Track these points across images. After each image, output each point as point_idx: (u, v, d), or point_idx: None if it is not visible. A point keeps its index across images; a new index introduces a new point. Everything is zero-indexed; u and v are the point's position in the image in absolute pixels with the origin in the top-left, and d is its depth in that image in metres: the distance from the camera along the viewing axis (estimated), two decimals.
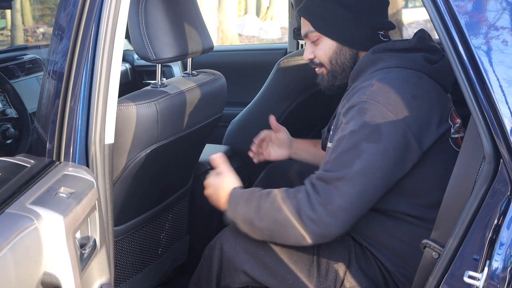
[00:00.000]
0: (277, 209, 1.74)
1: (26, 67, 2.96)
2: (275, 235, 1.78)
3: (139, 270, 2.23)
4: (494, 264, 1.28)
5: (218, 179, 1.91)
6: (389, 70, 1.79)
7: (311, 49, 1.99)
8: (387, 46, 1.86)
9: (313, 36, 1.96)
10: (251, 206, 1.79)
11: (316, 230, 1.69)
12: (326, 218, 1.68)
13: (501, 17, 1.36)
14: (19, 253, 1.14)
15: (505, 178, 1.31)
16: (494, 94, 1.30)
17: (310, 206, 1.69)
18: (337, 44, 1.93)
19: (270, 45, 7.03)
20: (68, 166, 1.50)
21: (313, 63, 2.02)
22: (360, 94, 1.74)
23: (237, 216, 1.83)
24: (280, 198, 1.75)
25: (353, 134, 1.70)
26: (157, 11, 1.89)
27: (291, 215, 1.71)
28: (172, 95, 1.96)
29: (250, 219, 1.79)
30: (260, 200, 1.78)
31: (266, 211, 1.76)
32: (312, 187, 1.72)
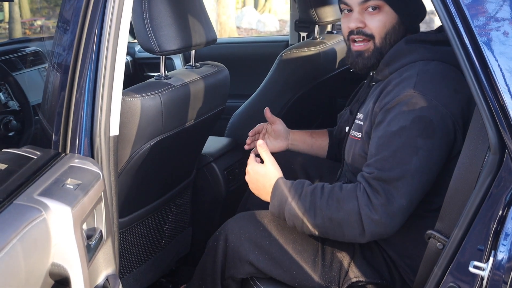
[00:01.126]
0: (335, 208, 1.71)
1: (28, 59, 2.95)
2: (329, 232, 1.75)
3: (142, 261, 2.23)
4: (499, 255, 1.28)
5: (260, 167, 1.86)
6: (427, 62, 1.75)
7: (361, 18, 1.84)
8: (420, 37, 1.82)
9: (373, 3, 1.81)
10: (304, 202, 1.75)
11: (375, 230, 1.68)
12: (387, 219, 1.66)
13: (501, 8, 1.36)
14: (28, 244, 1.14)
15: (510, 169, 1.31)
16: (499, 84, 1.30)
17: (371, 207, 1.66)
18: (398, 20, 1.83)
19: (271, 37, 7.04)
20: (74, 157, 1.50)
21: (359, 32, 1.85)
22: (404, 87, 1.70)
23: (284, 210, 1.78)
24: (338, 197, 1.72)
25: (405, 130, 1.65)
26: (161, 3, 1.89)
27: (350, 215, 1.69)
28: (176, 87, 1.97)
29: (302, 215, 1.74)
30: (314, 196, 1.75)
31: (322, 208, 1.72)
32: (370, 187, 1.68)
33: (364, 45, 1.86)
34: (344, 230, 1.71)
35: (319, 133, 2.33)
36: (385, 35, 1.84)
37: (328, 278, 1.82)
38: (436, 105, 1.65)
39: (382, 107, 1.73)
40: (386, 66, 1.84)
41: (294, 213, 1.76)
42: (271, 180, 1.83)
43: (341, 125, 2.07)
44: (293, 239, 1.86)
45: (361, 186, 1.70)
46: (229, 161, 2.72)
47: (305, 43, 2.91)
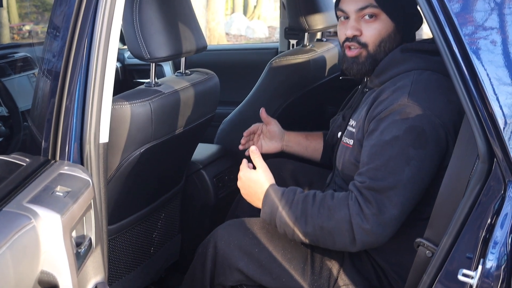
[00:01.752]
0: (326, 216, 1.70)
1: (17, 65, 2.94)
2: (319, 240, 1.74)
3: (131, 269, 2.23)
4: (488, 263, 1.29)
5: (252, 174, 1.85)
6: (421, 72, 1.76)
7: (358, 26, 1.84)
8: (415, 46, 1.82)
9: (370, 11, 1.82)
10: (296, 209, 1.75)
11: (366, 239, 1.67)
12: (378, 228, 1.65)
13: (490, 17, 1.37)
14: (17, 252, 1.14)
15: (498, 177, 1.32)
16: (488, 93, 1.31)
17: (363, 216, 1.66)
18: (394, 28, 1.84)
19: (261, 45, 7.05)
20: (64, 164, 1.50)
21: (354, 40, 1.86)
22: (397, 97, 1.70)
23: (276, 217, 1.78)
24: (329, 206, 1.71)
25: (398, 139, 1.65)
26: (151, 10, 1.89)
27: (341, 224, 1.68)
28: (166, 94, 1.97)
29: (293, 222, 1.74)
30: (305, 204, 1.74)
31: (313, 216, 1.72)
32: (362, 197, 1.68)
33: (358, 51, 1.87)
34: (335, 238, 1.70)
35: (314, 136, 2.33)
36: (379, 43, 1.84)
37: (318, 285, 1.82)
38: (430, 115, 1.65)
39: (375, 116, 1.73)
40: (380, 74, 1.84)
41: (285, 221, 1.75)
42: (262, 187, 1.83)
43: (334, 130, 2.08)
44: (283, 246, 1.87)
45: (352, 195, 1.70)
46: (219, 168, 2.72)
47: (294, 51, 2.92)
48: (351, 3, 1.86)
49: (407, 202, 1.66)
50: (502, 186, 1.31)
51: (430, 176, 1.68)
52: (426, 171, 1.66)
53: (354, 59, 1.88)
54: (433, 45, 1.78)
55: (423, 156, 1.64)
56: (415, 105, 1.66)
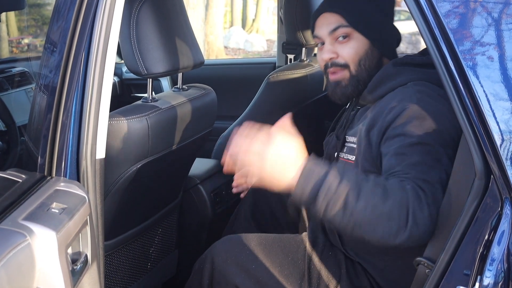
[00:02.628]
0: (381, 196, 1.47)
1: (14, 80, 2.95)
2: (364, 222, 1.47)
3: (128, 285, 2.22)
4: (486, 280, 1.28)
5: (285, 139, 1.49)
6: (417, 83, 1.74)
7: (333, 49, 1.86)
8: (406, 60, 1.82)
9: (343, 32, 1.84)
10: (347, 181, 1.47)
11: (414, 232, 1.46)
12: (427, 220, 1.47)
13: (487, 33, 1.37)
14: (12, 270, 1.13)
15: (495, 194, 1.31)
16: (484, 109, 1.31)
17: (420, 204, 1.48)
18: (370, 45, 1.85)
19: (258, 59, 7.08)
20: (60, 181, 1.50)
21: (333, 64, 1.87)
22: (407, 103, 1.66)
23: (324, 187, 1.45)
24: (385, 185, 1.50)
25: (424, 138, 1.59)
26: (149, 25, 1.89)
27: (397, 207, 1.46)
28: (163, 110, 1.97)
29: (343, 195, 1.45)
30: (358, 178, 1.49)
31: (367, 193, 1.46)
32: (416, 185, 1.51)
33: (340, 75, 1.88)
34: (382, 223, 1.47)
35: None
36: (358, 61, 1.85)
37: None
38: (441, 118, 1.63)
39: (389, 124, 1.67)
40: (374, 90, 1.83)
41: (333, 192, 1.45)
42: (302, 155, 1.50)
43: (329, 151, 2.04)
44: (280, 262, 1.86)
45: (406, 182, 1.53)
46: (216, 183, 2.72)
47: (292, 66, 2.92)
48: (323, 27, 1.88)
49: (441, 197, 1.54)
50: (499, 203, 1.31)
51: None
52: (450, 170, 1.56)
53: (337, 83, 1.89)
54: (424, 58, 1.80)
55: (448, 154, 1.58)
56: (426, 109, 1.65)
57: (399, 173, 1.56)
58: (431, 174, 1.54)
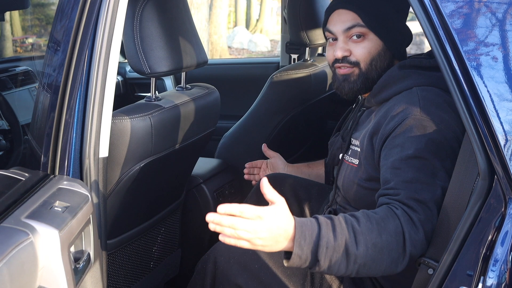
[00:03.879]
0: (377, 231, 1.49)
1: (18, 79, 2.95)
2: (368, 262, 1.49)
3: (131, 283, 2.22)
4: (489, 280, 1.28)
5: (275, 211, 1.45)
6: (423, 88, 1.73)
7: (346, 46, 1.85)
8: (413, 63, 1.81)
9: (358, 31, 1.83)
10: (342, 230, 1.48)
11: (413, 252, 1.51)
12: (423, 239, 1.52)
13: (491, 33, 1.37)
14: (15, 268, 1.13)
15: (499, 194, 1.31)
16: (488, 109, 1.31)
17: (413, 226, 1.51)
18: (383, 46, 1.84)
19: (262, 59, 7.08)
20: (63, 179, 1.50)
21: (345, 60, 1.86)
22: (409, 111, 1.66)
23: (320, 245, 1.46)
24: (376, 219, 1.51)
25: (421, 152, 1.60)
26: (152, 25, 1.89)
27: (394, 236, 1.49)
28: (166, 109, 1.97)
29: (344, 245, 1.46)
30: (349, 223, 1.50)
31: (364, 233, 1.48)
32: (406, 206, 1.55)
33: (349, 69, 1.87)
34: (384, 256, 1.50)
35: (315, 163, 2.37)
36: (370, 61, 1.84)
37: None
38: (443, 128, 1.63)
39: (389, 133, 1.68)
40: (379, 93, 1.83)
41: (334, 246, 1.46)
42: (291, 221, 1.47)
43: (334, 152, 2.04)
44: (282, 263, 1.85)
45: (395, 205, 1.56)
46: (219, 182, 2.72)
47: (296, 65, 2.92)
48: (338, 23, 1.86)
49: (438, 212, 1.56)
50: (502, 203, 1.30)
51: None
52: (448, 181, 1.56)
53: (345, 77, 1.88)
54: (431, 61, 1.79)
55: (446, 167, 1.59)
56: (428, 119, 1.64)
57: (391, 192, 1.59)
58: (424, 193, 1.56)
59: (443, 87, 1.71)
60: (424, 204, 1.54)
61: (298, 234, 1.45)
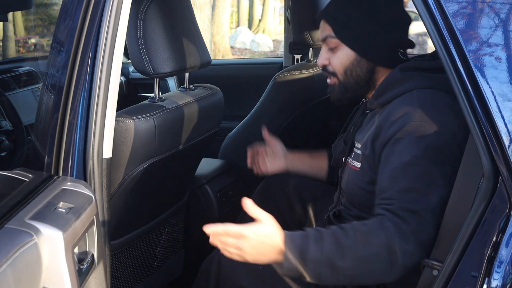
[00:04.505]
0: (364, 244, 1.54)
1: (21, 79, 2.95)
2: (357, 275, 1.56)
3: (134, 284, 2.22)
4: (493, 282, 1.28)
5: (261, 228, 1.56)
6: (423, 91, 1.73)
7: (327, 55, 1.91)
8: (415, 65, 1.81)
9: (331, 43, 1.88)
10: (329, 244, 1.55)
11: (405, 261, 1.54)
12: (417, 249, 1.54)
13: (495, 33, 1.37)
14: (19, 269, 1.13)
15: (503, 195, 1.31)
16: (492, 110, 1.30)
17: (402, 237, 1.53)
18: (356, 55, 1.85)
19: (265, 59, 7.08)
20: (67, 180, 1.50)
21: (326, 70, 1.93)
22: (409, 117, 1.66)
23: (307, 258, 1.54)
24: (364, 232, 1.57)
25: (419, 159, 1.61)
26: (156, 25, 1.89)
27: (381, 249, 1.54)
28: (170, 110, 1.96)
29: (329, 259, 1.54)
30: (336, 237, 1.56)
31: (350, 247, 1.54)
32: (398, 217, 1.57)
33: (331, 80, 1.94)
34: (374, 268, 1.56)
35: (318, 154, 2.33)
36: (344, 71, 1.88)
37: None
38: (443, 132, 1.62)
39: (389, 139, 1.69)
40: (380, 95, 1.82)
41: (320, 260, 1.54)
42: (277, 236, 1.56)
43: (338, 156, 2.04)
44: None
45: (387, 217, 1.59)
46: (223, 183, 2.72)
47: (299, 66, 2.92)
48: (319, 33, 1.94)
49: (438, 221, 1.56)
50: (507, 204, 1.30)
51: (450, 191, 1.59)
52: (450, 188, 1.56)
53: (332, 87, 1.94)
54: (432, 63, 1.79)
55: (445, 173, 1.59)
56: (427, 124, 1.64)
57: (386, 202, 1.62)
58: (419, 203, 1.57)
59: (445, 89, 1.71)
60: (417, 214, 1.56)
61: (286, 249, 1.55)
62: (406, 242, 1.54)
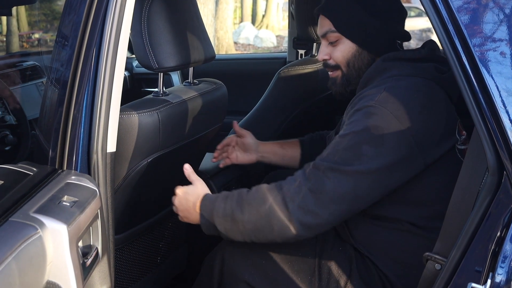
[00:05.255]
0: (261, 199, 1.70)
1: (25, 73, 2.95)
2: (258, 228, 1.71)
3: (137, 279, 2.22)
4: (497, 277, 1.27)
5: (189, 187, 1.86)
6: (400, 77, 1.77)
7: (327, 50, 1.94)
8: (397, 55, 1.84)
9: (332, 37, 1.91)
10: (232, 200, 1.75)
11: (302, 218, 1.65)
12: (315, 207, 1.64)
13: (499, 28, 1.36)
14: (23, 262, 1.13)
15: (508, 190, 1.30)
16: (497, 105, 1.30)
17: (299, 192, 1.66)
18: (357, 47, 1.90)
19: (269, 54, 7.07)
20: (71, 174, 1.50)
21: (327, 65, 1.97)
22: (368, 99, 1.71)
23: (214, 214, 1.76)
24: (265, 188, 1.72)
25: (355, 134, 1.67)
26: (160, 20, 1.89)
27: (276, 203, 1.67)
28: (174, 104, 1.96)
29: (230, 213, 1.73)
30: (240, 195, 1.75)
31: (249, 202, 1.72)
32: (303, 174, 1.70)
33: (333, 73, 1.97)
34: (272, 222, 1.68)
35: (290, 144, 2.34)
36: (347, 63, 1.92)
37: None
38: (394, 118, 1.65)
39: (346, 118, 1.76)
40: (365, 85, 1.86)
41: (223, 214, 1.75)
42: (199, 196, 1.83)
43: None
44: (290, 258, 1.86)
45: (289, 177, 1.72)
46: (226, 178, 2.71)
47: (303, 61, 2.91)
48: (319, 29, 1.96)
49: (349, 189, 1.64)
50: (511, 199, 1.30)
51: (380, 175, 1.66)
52: (376, 168, 1.64)
53: (333, 80, 1.98)
54: (415, 52, 1.85)
55: (374, 154, 1.64)
56: (381, 107, 1.67)
57: None
58: (333, 162, 1.66)
59: (427, 76, 1.77)
60: (324, 173, 1.66)
61: (201, 206, 1.80)
62: (302, 198, 1.66)
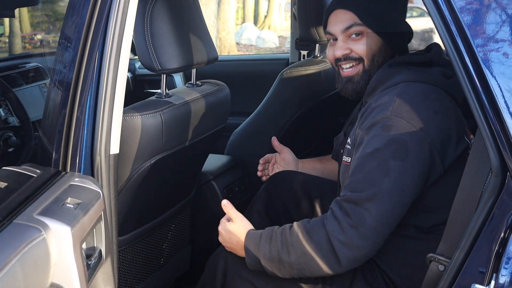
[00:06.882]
0: (306, 240, 1.69)
1: (28, 75, 2.95)
2: (305, 268, 1.71)
3: (141, 280, 2.22)
4: (501, 278, 1.27)
5: (230, 225, 1.85)
6: (408, 84, 1.75)
7: (346, 45, 1.88)
8: (404, 60, 1.83)
9: (356, 30, 1.85)
10: (276, 242, 1.73)
11: (349, 254, 1.65)
12: (358, 240, 1.63)
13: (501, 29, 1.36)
14: (28, 264, 1.14)
15: (511, 191, 1.30)
16: (500, 106, 1.30)
17: (341, 230, 1.65)
18: (382, 42, 1.86)
19: (272, 55, 7.07)
20: (74, 176, 1.50)
21: (347, 58, 1.89)
22: (381, 110, 1.69)
23: (260, 256, 1.76)
24: (306, 229, 1.71)
25: (379, 151, 1.65)
26: (163, 21, 1.89)
27: (321, 244, 1.67)
28: (177, 106, 1.97)
29: (277, 256, 1.73)
30: (283, 235, 1.73)
31: (294, 244, 1.70)
32: (340, 210, 1.67)
33: (353, 70, 1.90)
34: (319, 262, 1.68)
35: (328, 158, 2.35)
36: (372, 57, 1.87)
37: None
38: (412, 127, 1.65)
39: (362, 131, 1.73)
40: (372, 92, 1.84)
41: (270, 257, 1.74)
42: (242, 234, 1.82)
43: (337, 148, 2.07)
44: None
45: (329, 213, 1.70)
46: (229, 179, 2.72)
47: (305, 62, 2.91)
48: (336, 24, 1.89)
49: (387, 213, 1.64)
50: None
51: (412, 189, 1.66)
52: (407, 183, 1.64)
53: (349, 79, 1.91)
54: (421, 57, 1.82)
55: (403, 168, 1.63)
56: (397, 117, 1.66)
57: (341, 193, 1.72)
58: (367, 191, 1.64)
59: (435, 82, 1.75)
60: (361, 206, 1.64)
61: (245, 247, 1.79)
62: (345, 235, 1.64)
